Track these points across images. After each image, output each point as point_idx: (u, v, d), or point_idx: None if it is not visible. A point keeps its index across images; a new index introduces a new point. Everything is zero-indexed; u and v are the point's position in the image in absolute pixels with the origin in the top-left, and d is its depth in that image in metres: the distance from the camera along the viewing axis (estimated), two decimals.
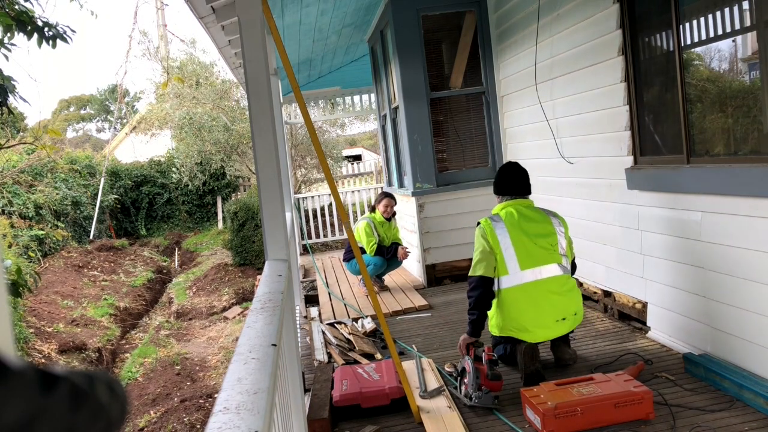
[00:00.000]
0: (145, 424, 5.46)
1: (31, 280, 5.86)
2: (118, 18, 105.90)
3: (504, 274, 3.46)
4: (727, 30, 3.23)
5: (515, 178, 3.70)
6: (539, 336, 3.44)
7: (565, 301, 3.46)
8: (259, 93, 2.76)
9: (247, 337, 1.70)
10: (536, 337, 3.44)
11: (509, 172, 3.74)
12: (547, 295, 3.43)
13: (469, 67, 6.27)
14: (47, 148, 8.61)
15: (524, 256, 3.43)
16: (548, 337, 3.49)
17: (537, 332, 3.43)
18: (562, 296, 3.45)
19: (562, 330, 3.48)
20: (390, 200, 6.16)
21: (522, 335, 3.44)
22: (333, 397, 3.31)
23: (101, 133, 41.79)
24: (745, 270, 3.00)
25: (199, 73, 14.46)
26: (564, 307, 3.45)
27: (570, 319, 3.48)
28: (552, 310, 3.43)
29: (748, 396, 2.86)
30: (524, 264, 3.43)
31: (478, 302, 3.45)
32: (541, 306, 3.42)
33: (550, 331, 3.46)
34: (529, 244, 3.45)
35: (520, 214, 3.54)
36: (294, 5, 5.51)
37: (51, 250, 11.31)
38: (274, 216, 2.79)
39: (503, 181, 3.72)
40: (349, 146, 24.31)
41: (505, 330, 3.50)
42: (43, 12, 11.76)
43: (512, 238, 3.46)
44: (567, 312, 3.46)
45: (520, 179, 3.70)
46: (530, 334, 3.43)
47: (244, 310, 8.88)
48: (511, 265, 3.44)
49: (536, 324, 3.42)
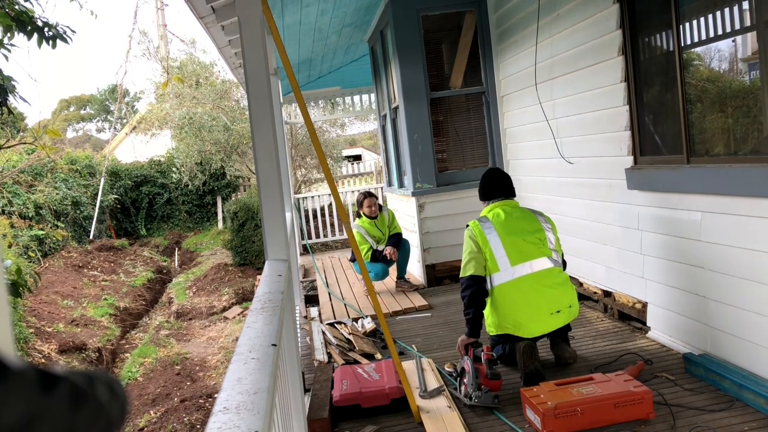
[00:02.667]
0: (145, 424, 5.46)
1: (31, 280, 5.86)
2: (118, 18, 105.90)
3: (496, 272, 3.52)
4: (727, 30, 3.23)
5: (498, 182, 3.81)
6: (535, 330, 3.47)
7: (558, 293, 3.51)
8: (259, 93, 2.76)
9: (247, 337, 1.70)
10: (532, 332, 3.46)
11: (492, 177, 3.85)
12: (539, 288, 3.47)
13: (469, 67, 6.27)
14: (47, 149, 8.61)
15: (514, 253, 3.50)
16: (544, 331, 3.51)
17: (532, 326, 3.46)
18: (554, 289, 3.50)
19: (557, 323, 3.50)
20: (370, 199, 6.17)
21: (518, 331, 3.47)
22: (333, 397, 3.31)
23: (101, 133, 41.81)
24: (744, 270, 3.00)
25: (199, 73, 14.46)
26: (557, 299, 3.49)
27: (564, 311, 3.50)
28: (545, 303, 3.47)
29: (748, 396, 2.86)
30: (515, 260, 3.49)
31: (471, 300, 3.51)
32: (534, 300, 3.46)
33: (545, 324, 3.49)
34: (518, 240, 3.52)
35: (507, 214, 3.64)
36: (294, 5, 5.51)
37: (51, 250, 11.31)
38: (274, 216, 2.79)
39: (487, 186, 3.83)
40: (349, 146, 24.31)
41: (501, 327, 3.54)
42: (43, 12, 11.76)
43: (501, 236, 3.53)
44: (561, 304, 3.49)
45: (503, 183, 3.81)
46: (526, 328, 3.46)
47: (244, 310, 8.88)
48: (501, 262, 3.50)
49: (531, 318, 3.46)
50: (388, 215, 6.25)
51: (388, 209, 6.33)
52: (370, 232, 6.14)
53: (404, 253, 6.15)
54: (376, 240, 6.17)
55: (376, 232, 6.15)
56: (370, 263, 6.07)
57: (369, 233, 6.13)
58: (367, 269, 5.91)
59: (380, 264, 6.08)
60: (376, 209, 6.17)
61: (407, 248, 6.20)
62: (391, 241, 6.10)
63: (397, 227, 6.25)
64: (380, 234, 6.16)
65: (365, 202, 6.16)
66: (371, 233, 6.14)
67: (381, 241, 6.17)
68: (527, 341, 3.44)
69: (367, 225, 6.15)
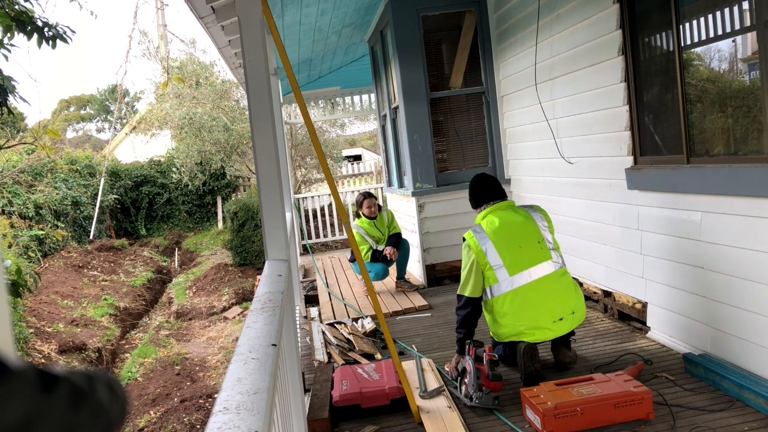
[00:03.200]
0: (145, 424, 5.46)
1: (31, 280, 5.85)
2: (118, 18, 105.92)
3: (495, 283, 3.46)
4: (727, 30, 3.23)
5: (487, 186, 3.72)
6: (538, 337, 3.44)
7: (560, 301, 3.45)
8: (259, 93, 2.76)
9: (247, 337, 1.70)
10: (535, 339, 3.44)
11: (480, 182, 3.77)
12: (540, 297, 3.41)
13: (469, 67, 6.27)
14: (47, 149, 8.62)
15: (512, 262, 3.43)
16: (547, 338, 3.48)
17: (535, 334, 3.42)
18: (556, 296, 3.44)
19: (561, 330, 3.46)
20: (370, 200, 6.19)
21: (520, 339, 3.44)
22: (333, 397, 3.31)
23: (101, 133, 41.82)
24: (745, 270, 3.00)
25: (199, 73, 14.46)
26: (560, 307, 3.44)
27: (568, 319, 3.45)
28: (547, 313, 3.41)
29: (748, 396, 2.86)
30: (513, 269, 3.43)
31: (465, 321, 3.50)
32: (535, 309, 3.40)
33: (548, 332, 3.44)
34: (515, 249, 3.45)
35: (501, 220, 3.55)
36: (294, 5, 5.51)
37: (51, 250, 11.31)
38: (274, 216, 2.79)
39: (477, 192, 3.75)
40: (349, 146, 24.32)
41: (503, 338, 3.52)
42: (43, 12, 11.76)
43: (497, 246, 3.46)
44: (564, 312, 3.44)
45: (492, 186, 3.73)
46: (528, 337, 3.42)
47: (244, 310, 8.88)
48: (500, 273, 3.44)
49: (533, 327, 3.42)
50: (388, 215, 6.26)
51: (387, 209, 6.34)
52: (370, 232, 6.14)
53: (404, 253, 6.15)
54: (376, 240, 6.17)
55: (375, 232, 6.16)
56: (370, 263, 6.08)
57: (368, 233, 6.14)
58: (367, 269, 5.92)
59: (380, 264, 6.09)
60: (376, 210, 6.17)
61: (407, 248, 6.20)
62: (390, 241, 6.10)
63: (396, 227, 6.25)
64: (380, 234, 6.17)
65: (365, 203, 6.17)
66: (371, 233, 6.15)
67: (380, 242, 6.17)
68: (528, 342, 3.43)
69: (366, 225, 6.15)
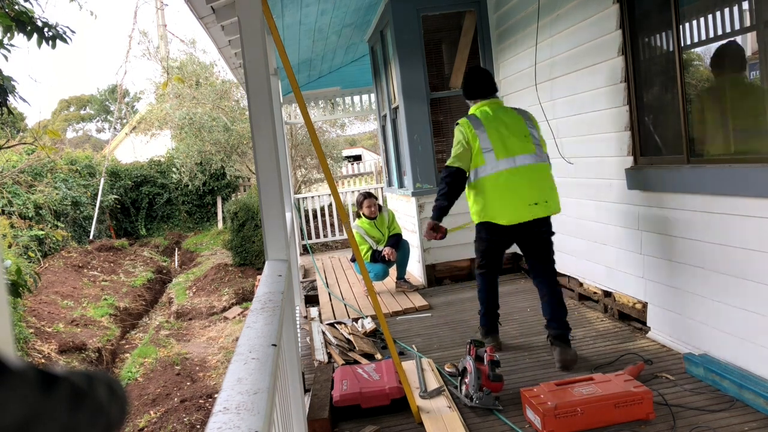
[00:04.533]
0: (145, 424, 5.46)
1: (30, 280, 5.86)
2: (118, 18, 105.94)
3: (481, 164, 3.76)
4: (727, 30, 3.23)
5: (482, 81, 3.99)
6: (513, 218, 3.69)
7: (537, 189, 3.72)
8: (259, 93, 2.76)
9: (247, 337, 1.69)
10: (510, 219, 3.69)
11: (474, 76, 4.03)
12: (519, 181, 3.70)
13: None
14: (47, 149, 8.62)
15: (500, 147, 3.73)
16: (521, 219, 3.69)
17: (510, 214, 3.69)
18: (534, 183, 3.72)
19: (534, 213, 3.69)
20: (370, 200, 6.20)
21: (497, 218, 3.72)
22: (333, 398, 3.31)
23: (101, 133, 41.80)
24: (745, 270, 3.00)
25: (199, 73, 14.45)
26: (535, 193, 3.71)
27: (541, 205, 3.71)
28: (524, 195, 3.69)
29: (748, 396, 2.86)
30: (500, 154, 3.72)
31: (449, 191, 3.81)
32: (513, 191, 3.69)
33: (523, 212, 3.69)
34: (504, 136, 3.75)
35: (495, 112, 3.87)
36: (294, 5, 5.51)
37: (51, 250, 11.31)
38: (274, 216, 2.79)
39: (471, 85, 4.01)
40: (349, 146, 24.32)
41: (482, 215, 3.80)
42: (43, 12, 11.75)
43: (489, 132, 3.77)
44: (538, 198, 3.71)
45: (486, 81, 3.99)
46: (503, 216, 3.70)
47: (244, 310, 8.88)
48: (488, 156, 3.74)
49: (509, 206, 3.69)
50: (388, 216, 6.26)
51: (387, 210, 6.34)
52: (370, 232, 6.14)
53: (404, 254, 6.15)
54: (376, 240, 6.17)
55: (375, 232, 6.15)
56: (370, 263, 6.08)
57: (368, 234, 6.14)
58: (367, 269, 5.92)
59: (380, 264, 6.09)
60: (376, 210, 6.17)
61: (407, 249, 6.20)
62: (390, 241, 6.10)
63: (396, 228, 6.25)
64: (380, 234, 6.16)
65: (365, 203, 6.17)
66: (371, 234, 6.14)
67: (381, 242, 6.17)
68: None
69: (366, 225, 6.15)
